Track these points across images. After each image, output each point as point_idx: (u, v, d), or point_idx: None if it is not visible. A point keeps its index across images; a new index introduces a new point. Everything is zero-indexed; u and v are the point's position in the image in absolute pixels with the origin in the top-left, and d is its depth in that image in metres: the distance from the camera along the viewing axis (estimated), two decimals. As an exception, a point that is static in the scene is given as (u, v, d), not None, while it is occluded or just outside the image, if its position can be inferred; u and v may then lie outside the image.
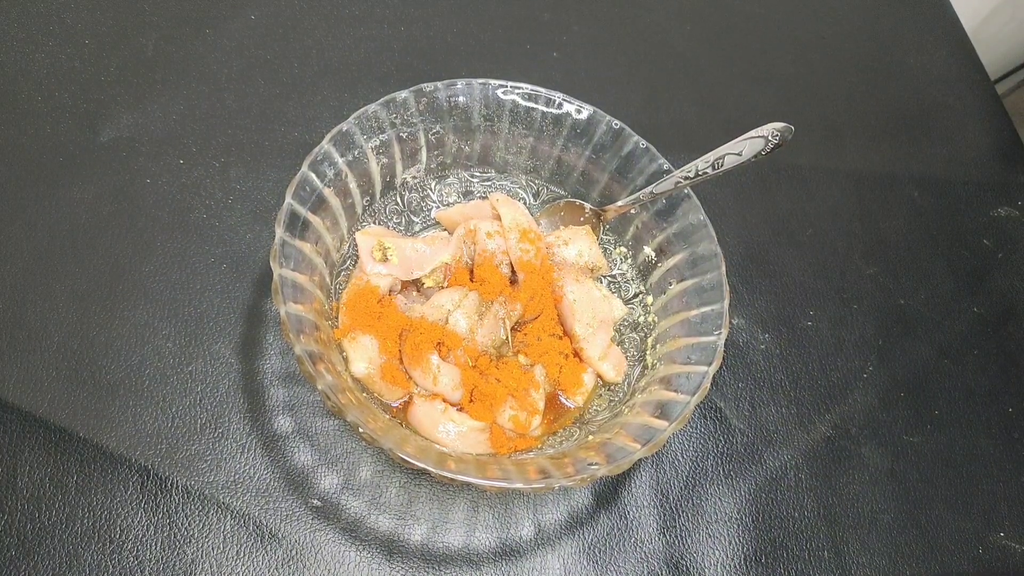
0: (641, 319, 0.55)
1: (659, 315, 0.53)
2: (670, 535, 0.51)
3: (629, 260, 0.57)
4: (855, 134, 0.75)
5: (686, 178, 0.50)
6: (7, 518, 0.45)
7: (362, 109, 0.50)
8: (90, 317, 0.53)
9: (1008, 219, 0.70)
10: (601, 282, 0.57)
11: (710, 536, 0.51)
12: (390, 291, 0.51)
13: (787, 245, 0.66)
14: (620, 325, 0.56)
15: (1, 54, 0.64)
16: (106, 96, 0.63)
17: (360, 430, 0.39)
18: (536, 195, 0.59)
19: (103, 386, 0.50)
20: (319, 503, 0.49)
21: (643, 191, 0.53)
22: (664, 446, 0.42)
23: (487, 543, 0.49)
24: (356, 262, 0.52)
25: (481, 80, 0.53)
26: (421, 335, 0.49)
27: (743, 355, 0.59)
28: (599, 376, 0.53)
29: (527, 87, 0.54)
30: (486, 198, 0.58)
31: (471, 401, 0.49)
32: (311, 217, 0.47)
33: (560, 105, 0.54)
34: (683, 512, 0.52)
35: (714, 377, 0.44)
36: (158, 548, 0.46)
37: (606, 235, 0.58)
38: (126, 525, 0.46)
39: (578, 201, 0.58)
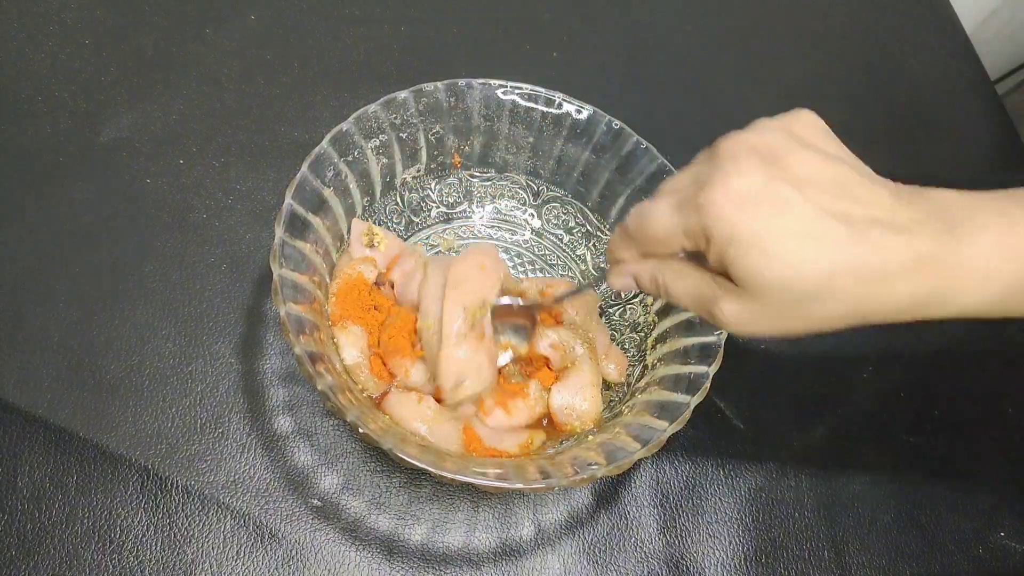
0: (641, 319, 0.55)
1: (659, 315, 0.53)
2: (670, 535, 0.51)
3: (629, 260, 0.57)
4: (855, 134, 0.74)
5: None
6: (7, 518, 0.45)
7: (362, 109, 0.50)
8: (90, 317, 0.53)
9: (1008, 219, 0.70)
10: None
11: (710, 536, 0.51)
12: (376, 282, 0.51)
13: (787, 245, 0.66)
14: (620, 325, 0.56)
15: (0, 54, 0.64)
16: (106, 96, 0.63)
17: (360, 430, 0.39)
18: (536, 195, 0.59)
19: (103, 386, 0.50)
20: (319, 503, 0.49)
21: (569, 292, 0.51)
22: (664, 446, 0.42)
23: (487, 543, 0.49)
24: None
25: (481, 80, 0.53)
26: (402, 322, 0.49)
27: (743, 355, 0.59)
28: (603, 377, 0.53)
29: (527, 87, 0.54)
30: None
31: None
32: (311, 217, 0.47)
33: (560, 105, 0.54)
34: (683, 512, 0.52)
35: (714, 377, 0.44)
36: (158, 548, 0.46)
37: (607, 235, 0.58)
38: (126, 525, 0.46)
39: (507, 301, 0.51)
